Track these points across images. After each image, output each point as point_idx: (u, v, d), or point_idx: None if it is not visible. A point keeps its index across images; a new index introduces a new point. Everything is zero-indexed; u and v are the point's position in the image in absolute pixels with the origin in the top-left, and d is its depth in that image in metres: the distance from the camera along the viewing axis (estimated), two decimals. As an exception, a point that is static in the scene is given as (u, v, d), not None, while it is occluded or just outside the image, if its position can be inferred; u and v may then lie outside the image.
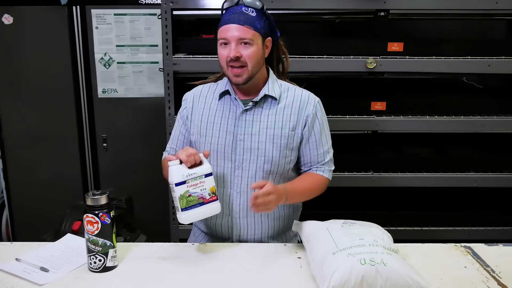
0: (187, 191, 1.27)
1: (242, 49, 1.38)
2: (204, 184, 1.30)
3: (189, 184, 1.28)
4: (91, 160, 2.80)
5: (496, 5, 2.03)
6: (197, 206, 1.29)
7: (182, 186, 1.27)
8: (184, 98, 1.58)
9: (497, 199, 2.37)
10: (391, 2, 2.04)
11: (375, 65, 2.06)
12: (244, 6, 1.39)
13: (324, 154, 1.51)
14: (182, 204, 1.27)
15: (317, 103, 1.50)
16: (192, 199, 1.28)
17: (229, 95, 1.50)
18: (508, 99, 2.26)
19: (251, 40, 1.37)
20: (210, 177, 1.31)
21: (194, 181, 1.28)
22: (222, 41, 1.40)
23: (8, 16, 2.58)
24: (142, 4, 2.60)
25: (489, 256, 1.34)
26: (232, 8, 1.40)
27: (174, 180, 1.27)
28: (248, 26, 1.37)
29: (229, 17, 1.38)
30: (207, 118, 1.50)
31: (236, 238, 1.53)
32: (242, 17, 1.37)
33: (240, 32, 1.36)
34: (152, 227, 2.71)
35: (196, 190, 1.29)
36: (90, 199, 1.21)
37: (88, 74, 2.69)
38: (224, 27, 1.38)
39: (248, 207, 1.48)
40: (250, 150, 1.46)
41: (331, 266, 1.11)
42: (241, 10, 1.38)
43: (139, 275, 1.24)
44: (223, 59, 1.40)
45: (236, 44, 1.37)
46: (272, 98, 1.48)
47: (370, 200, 2.35)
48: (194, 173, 1.29)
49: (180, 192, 1.27)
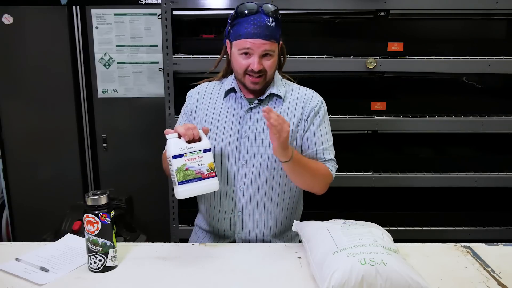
0: (185, 165, 1.24)
1: (264, 61, 1.39)
2: (202, 159, 1.27)
3: (187, 157, 1.25)
4: (91, 160, 2.80)
5: (496, 5, 2.03)
6: (195, 180, 1.26)
7: (179, 159, 1.24)
8: (188, 95, 1.58)
9: (497, 199, 2.37)
10: (391, 2, 2.04)
11: (375, 65, 2.06)
12: (265, 16, 1.37)
13: (324, 151, 1.50)
14: (179, 177, 1.24)
15: (321, 102, 1.52)
16: (190, 173, 1.25)
17: (234, 93, 1.51)
18: (508, 99, 2.26)
19: (273, 52, 1.40)
20: (208, 153, 1.28)
21: (192, 155, 1.25)
22: (243, 50, 1.39)
23: (8, 16, 2.58)
24: (142, 4, 2.59)
25: (489, 256, 1.34)
26: (253, 19, 1.37)
27: (172, 152, 1.25)
28: (272, 40, 1.38)
29: (254, 31, 1.36)
30: (212, 115, 1.50)
31: (239, 237, 1.53)
32: (268, 31, 1.37)
33: (265, 47, 1.37)
34: (152, 227, 2.71)
35: (193, 165, 1.26)
36: (90, 199, 1.21)
37: (88, 74, 2.69)
38: (249, 40, 1.36)
39: (251, 206, 1.50)
40: (254, 148, 1.46)
41: (331, 266, 1.11)
42: (265, 24, 1.36)
43: (139, 275, 1.24)
44: (242, 67, 1.41)
45: (259, 57, 1.38)
46: (277, 96, 1.49)
47: (370, 200, 2.35)
48: (192, 147, 1.26)
49: (177, 165, 1.24)
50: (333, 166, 1.51)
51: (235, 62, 1.43)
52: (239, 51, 1.39)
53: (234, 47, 1.41)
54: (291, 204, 1.56)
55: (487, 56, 2.08)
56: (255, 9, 1.37)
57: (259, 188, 1.48)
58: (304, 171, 1.43)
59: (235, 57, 1.42)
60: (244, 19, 1.38)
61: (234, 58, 1.43)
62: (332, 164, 1.51)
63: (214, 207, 1.54)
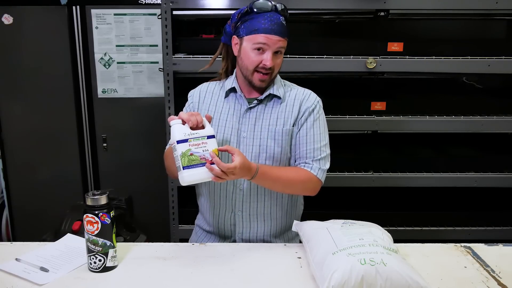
0: (189, 150, 1.24)
1: (274, 58, 1.41)
2: (207, 145, 1.26)
3: (191, 143, 1.25)
4: (91, 160, 2.80)
5: (496, 5, 2.03)
6: (200, 166, 1.25)
7: (184, 144, 1.24)
8: (190, 95, 1.59)
9: (497, 199, 2.37)
10: (391, 2, 2.04)
11: (375, 65, 2.06)
12: (279, 15, 1.40)
13: (315, 151, 1.47)
14: (183, 162, 1.23)
15: (317, 101, 1.52)
16: (194, 158, 1.24)
17: (234, 93, 1.52)
18: (508, 99, 2.26)
19: (284, 50, 1.43)
20: (212, 139, 1.28)
21: (196, 141, 1.25)
22: (258, 45, 1.39)
23: (8, 16, 2.58)
24: (142, 4, 2.59)
25: (489, 256, 1.34)
26: (269, 15, 1.39)
27: (176, 137, 1.25)
28: (286, 38, 1.41)
29: (272, 27, 1.38)
30: (213, 114, 1.51)
31: (239, 236, 1.53)
32: (283, 28, 1.40)
33: (280, 44, 1.40)
34: (152, 227, 2.71)
35: (198, 150, 1.25)
36: (90, 199, 1.21)
37: (88, 74, 2.69)
38: (267, 36, 1.38)
39: (251, 205, 1.50)
40: (252, 147, 1.47)
41: (331, 266, 1.11)
42: (280, 21, 1.39)
43: (139, 275, 1.24)
44: (254, 63, 1.41)
45: (271, 53, 1.39)
46: (276, 97, 1.50)
47: (370, 200, 2.35)
48: (196, 133, 1.26)
49: (182, 150, 1.24)
50: (319, 168, 1.46)
51: (246, 58, 1.42)
52: (254, 45, 1.39)
53: (247, 42, 1.41)
54: (290, 202, 1.57)
55: (487, 56, 2.08)
56: (270, 7, 1.40)
57: (258, 187, 1.49)
58: (273, 183, 1.44)
59: (247, 52, 1.41)
60: (260, 15, 1.39)
61: (246, 53, 1.42)
62: (318, 165, 1.46)
63: (214, 207, 1.54)
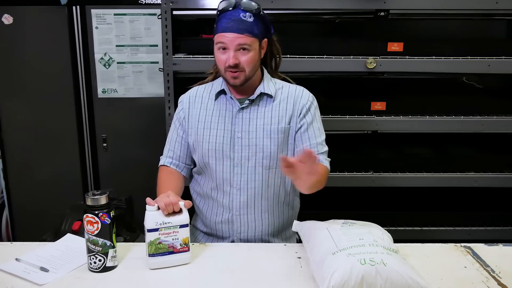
0: (158, 238, 1.25)
1: (240, 55, 1.39)
2: (178, 234, 1.26)
3: (162, 232, 1.25)
4: (91, 160, 2.80)
5: (496, 5, 2.03)
6: (166, 254, 1.26)
7: (154, 233, 1.24)
8: (180, 101, 1.59)
9: (497, 199, 2.37)
10: (391, 2, 2.03)
11: (375, 65, 2.06)
12: (242, 11, 1.38)
13: (318, 145, 1.50)
14: (150, 250, 1.25)
15: (311, 98, 1.53)
16: (162, 246, 1.25)
17: (224, 95, 1.52)
18: (508, 99, 2.26)
19: (249, 46, 1.39)
20: (185, 228, 1.27)
21: (167, 230, 1.25)
22: (220, 45, 1.40)
23: (8, 16, 2.58)
24: (142, 4, 2.59)
25: (489, 256, 1.34)
26: (229, 13, 1.38)
27: (147, 226, 1.25)
28: (247, 34, 1.37)
29: (227, 25, 1.37)
30: (204, 118, 1.51)
31: (237, 236, 1.53)
32: (242, 25, 1.37)
33: (239, 41, 1.37)
34: (152, 227, 2.71)
35: (167, 239, 1.25)
36: (90, 199, 1.21)
37: (88, 74, 2.69)
38: (223, 34, 1.37)
39: (248, 205, 1.50)
40: (248, 147, 1.47)
41: (331, 266, 1.11)
42: (239, 17, 1.37)
43: (139, 275, 1.24)
44: (221, 63, 1.42)
45: (234, 50, 1.38)
46: (267, 95, 1.50)
47: (370, 200, 2.35)
48: (168, 222, 1.25)
49: (151, 239, 1.24)
50: (326, 160, 1.51)
51: (216, 59, 1.44)
52: (216, 45, 1.41)
53: (215, 43, 1.42)
54: (287, 200, 1.57)
55: (487, 56, 2.08)
56: (232, 5, 1.38)
57: (255, 187, 1.49)
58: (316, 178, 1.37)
59: (215, 53, 1.43)
60: (222, 14, 1.40)
61: (215, 55, 1.44)
62: (325, 157, 1.51)
63: (212, 208, 1.55)
